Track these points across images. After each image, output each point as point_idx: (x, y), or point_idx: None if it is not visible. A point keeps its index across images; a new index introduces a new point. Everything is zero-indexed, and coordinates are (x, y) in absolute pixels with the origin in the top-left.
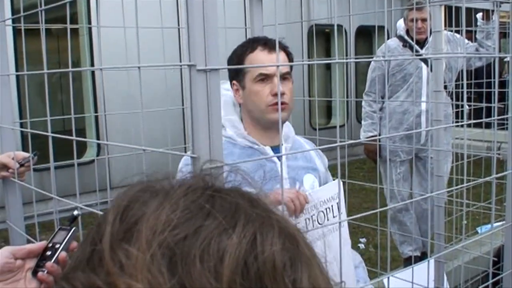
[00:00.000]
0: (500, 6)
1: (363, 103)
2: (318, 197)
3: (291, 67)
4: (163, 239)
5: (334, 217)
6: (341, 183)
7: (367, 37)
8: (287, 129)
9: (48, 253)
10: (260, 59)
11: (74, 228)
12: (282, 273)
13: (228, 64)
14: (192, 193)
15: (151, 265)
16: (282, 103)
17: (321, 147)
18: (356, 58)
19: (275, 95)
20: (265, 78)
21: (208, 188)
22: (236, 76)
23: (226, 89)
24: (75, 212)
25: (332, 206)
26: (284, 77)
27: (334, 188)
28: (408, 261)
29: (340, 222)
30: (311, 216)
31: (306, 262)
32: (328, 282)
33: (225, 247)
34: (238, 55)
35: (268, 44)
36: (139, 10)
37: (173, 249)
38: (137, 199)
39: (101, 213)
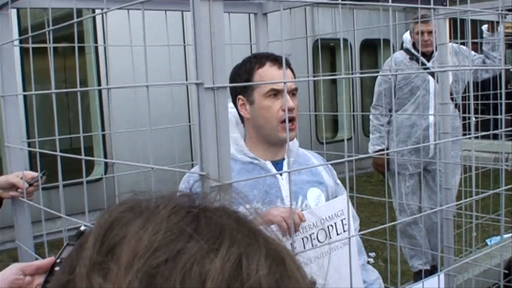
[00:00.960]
0: (505, 18)
1: (370, 117)
2: (320, 214)
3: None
4: (143, 263)
5: (338, 234)
6: (349, 198)
7: (372, 50)
8: (291, 143)
9: (57, 268)
10: (271, 74)
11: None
12: None
13: (232, 79)
14: (176, 214)
15: None
16: (293, 119)
17: (329, 162)
18: (361, 72)
19: (289, 109)
20: (276, 93)
21: (194, 207)
22: (244, 91)
23: (230, 107)
24: (82, 228)
25: (336, 223)
26: (292, 93)
27: (339, 205)
28: (418, 275)
29: (349, 238)
30: (310, 235)
31: (294, 285)
32: None
33: (207, 272)
34: (247, 70)
35: (278, 60)
36: (140, 28)
37: (153, 274)
38: (120, 219)
39: None
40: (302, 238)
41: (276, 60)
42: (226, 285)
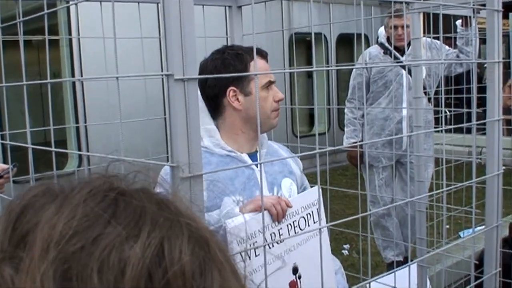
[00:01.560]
0: (478, 13)
1: (345, 110)
2: (298, 203)
3: None
4: (58, 251)
5: (314, 223)
6: (320, 189)
7: (348, 44)
8: (261, 135)
9: None
10: (262, 67)
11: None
12: (192, 283)
13: (223, 70)
14: (93, 198)
15: (43, 282)
16: (278, 109)
17: (301, 154)
18: (336, 66)
19: (278, 101)
20: (269, 85)
21: (111, 190)
22: (238, 82)
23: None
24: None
25: (312, 212)
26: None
27: (314, 195)
28: (391, 266)
29: (320, 229)
30: (293, 222)
31: (218, 268)
32: (242, 286)
33: (127, 258)
34: (243, 62)
35: (264, 53)
36: (119, 21)
37: (68, 263)
38: (33, 203)
39: None
40: (287, 225)
41: (262, 53)
42: (147, 271)
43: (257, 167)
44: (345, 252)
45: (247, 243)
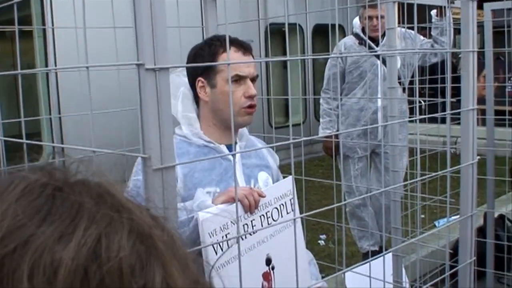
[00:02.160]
0: (453, 3)
1: (321, 101)
2: (271, 194)
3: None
4: None
5: (287, 213)
6: (295, 180)
7: (324, 35)
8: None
9: None
10: (235, 60)
11: None
12: (130, 279)
13: (193, 61)
14: (29, 194)
15: None
16: (253, 106)
17: (276, 144)
18: (311, 56)
19: (249, 97)
20: (238, 79)
21: (50, 184)
22: (205, 73)
23: (185, 75)
24: None
25: (285, 202)
26: (253, 79)
27: (287, 185)
28: (366, 256)
29: (294, 219)
30: (266, 213)
31: (162, 263)
32: (194, 281)
33: (59, 259)
34: (212, 53)
35: (243, 45)
36: (92, 11)
37: (0, 265)
38: None
39: None
40: (260, 216)
41: (241, 46)
42: (82, 270)
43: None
44: (322, 242)
45: (219, 235)
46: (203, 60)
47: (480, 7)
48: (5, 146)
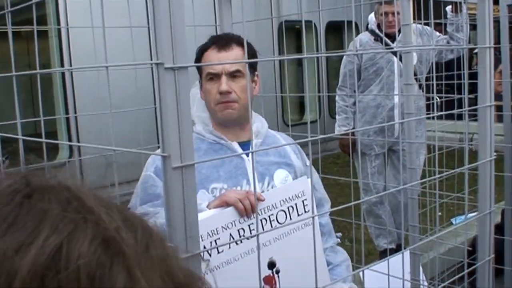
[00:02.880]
0: None
1: (336, 98)
2: (279, 196)
3: (252, 64)
4: None
5: (298, 215)
6: (319, 181)
7: (337, 32)
8: (260, 124)
9: None
10: (210, 58)
11: None
12: (87, 285)
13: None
14: None
15: None
16: (230, 101)
17: (293, 142)
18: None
19: (221, 93)
20: (213, 77)
21: (19, 192)
22: (200, 74)
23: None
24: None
25: (296, 204)
26: (233, 75)
27: (300, 186)
28: (384, 254)
29: (313, 217)
30: (269, 216)
31: (126, 267)
32: (177, 283)
33: (16, 270)
34: (198, 53)
35: (217, 42)
36: (108, 10)
37: None
38: None
39: None
40: (261, 220)
41: (215, 42)
42: (39, 280)
43: (247, 155)
44: (338, 240)
45: (206, 241)
46: (195, 61)
47: (496, 2)
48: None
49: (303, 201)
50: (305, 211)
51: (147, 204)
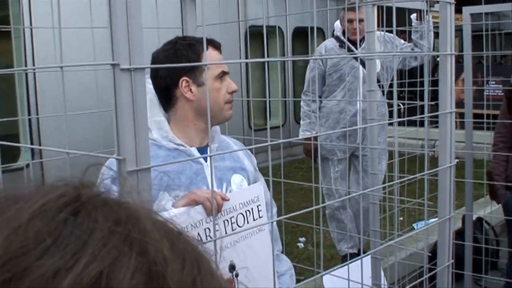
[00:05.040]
0: (433, 6)
1: (301, 103)
2: (237, 199)
3: None
4: None
5: (254, 220)
6: (265, 185)
7: (304, 38)
8: (213, 129)
9: None
10: (215, 58)
11: None
12: None
13: (175, 60)
14: (44, 214)
15: None
16: (231, 101)
17: (254, 146)
18: (289, 57)
19: (231, 92)
20: (222, 75)
21: (68, 206)
22: (191, 72)
23: (150, 83)
24: None
25: (252, 209)
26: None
27: (256, 191)
28: (345, 259)
29: (272, 223)
30: (230, 218)
31: None
32: None
33: None
34: (196, 52)
35: (216, 44)
36: (71, 10)
37: None
38: None
39: None
40: (224, 221)
41: (215, 44)
42: None
43: (206, 161)
44: (301, 245)
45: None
46: (188, 60)
47: (459, 11)
48: None
49: (257, 206)
50: (259, 217)
51: None
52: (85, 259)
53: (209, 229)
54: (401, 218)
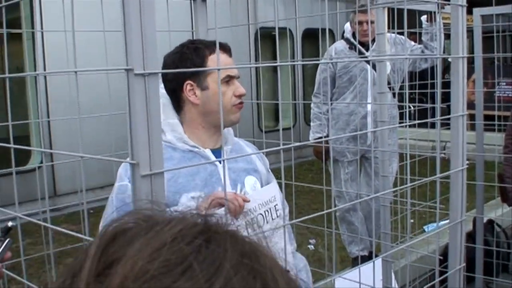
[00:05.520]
0: (443, 8)
1: (311, 105)
2: (256, 200)
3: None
4: None
5: (273, 220)
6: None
7: (314, 39)
8: (226, 131)
9: None
10: (224, 61)
11: (8, 240)
12: None
13: (180, 64)
14: (182, 238)
15: None
16: (241, 103)
17: (266, 150)
18: (301, 61)
19: (239, 96)
20: (229, 79)
21: (201, 233)
22: (195, 76)
23: (162, 88)
24: (10, 224)
25: (270, 209)
26: (237, 79)
27: (271, 191)
28: (356, 261)
29: (284, 226)
30: (251, 219)
31: None
32: None
33: None
34: (201, 56)
35: (226, 47)
36: (82, 14)
37: None
38: (124, 232)
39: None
40: (245, 223)
41: (225, 48)
42: None
43: (220, 163)
44: (311, 247)
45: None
46: (192, 63)
47: (469, 12)
48: None
49: (275, 206)
50: (277, 216)
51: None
52: (218, 285)
53: None
54: (412, 220)
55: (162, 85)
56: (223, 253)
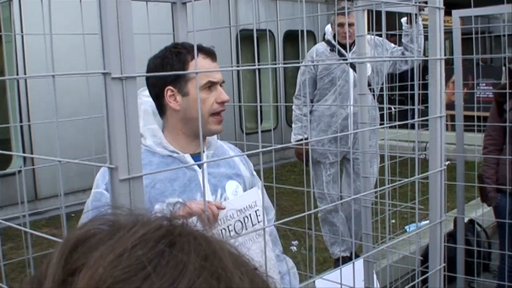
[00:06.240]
0: (423, 10)
1: (293, 107)
2: (234, 206)
3: None
4: None
5: (253, 225)
6: (263, 189)
7: (295, 41)
8: (210, 136)
9: None
10: (205, 66)
11: None
12: None
13: (161, 69)
14: (145, 243)
15: None
16: (222, 111)
17: (247, 152)
18: (282, 64)
19: (221, 103)
20: (211, 86)
21: (164, 237)
22: (175, 81)
23: (146, 96)
24: None
25: (250, 215)
26: (221, 85)
27: (253, 196)
28: (338, 262)
29: (264, 229)
30: (228, 227)
31: None
32: None
33: None
34: (182, 61)
35: (209, 52)
36: (63, 17)
37: None
38: (87, 239)
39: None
40: (221, 230)
41: (208, 52)
42: None
43: (199, 168)
44: (294, 248)
45: None
46: (172, 69)
47: (448, 14)
48: None
49: (256, 211)
50: (258, 221)
51: None
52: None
53: None
54: (393, 221)
55: (146, 94)
56: (186, 256)
